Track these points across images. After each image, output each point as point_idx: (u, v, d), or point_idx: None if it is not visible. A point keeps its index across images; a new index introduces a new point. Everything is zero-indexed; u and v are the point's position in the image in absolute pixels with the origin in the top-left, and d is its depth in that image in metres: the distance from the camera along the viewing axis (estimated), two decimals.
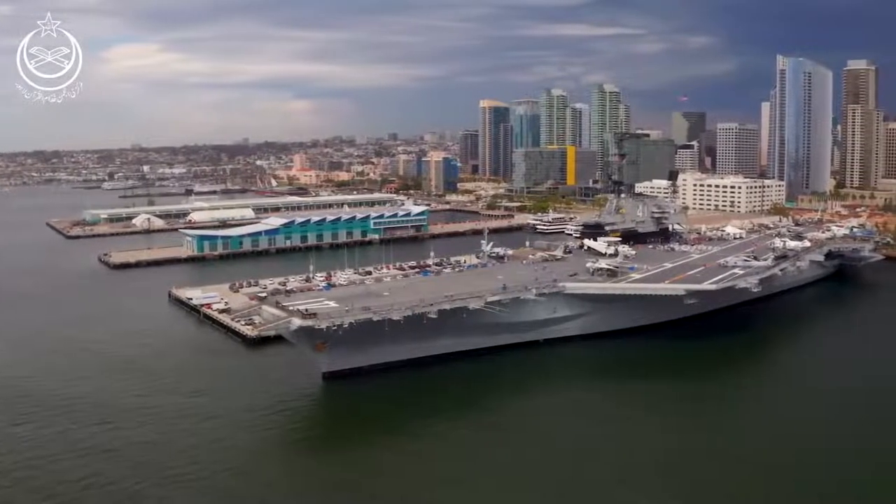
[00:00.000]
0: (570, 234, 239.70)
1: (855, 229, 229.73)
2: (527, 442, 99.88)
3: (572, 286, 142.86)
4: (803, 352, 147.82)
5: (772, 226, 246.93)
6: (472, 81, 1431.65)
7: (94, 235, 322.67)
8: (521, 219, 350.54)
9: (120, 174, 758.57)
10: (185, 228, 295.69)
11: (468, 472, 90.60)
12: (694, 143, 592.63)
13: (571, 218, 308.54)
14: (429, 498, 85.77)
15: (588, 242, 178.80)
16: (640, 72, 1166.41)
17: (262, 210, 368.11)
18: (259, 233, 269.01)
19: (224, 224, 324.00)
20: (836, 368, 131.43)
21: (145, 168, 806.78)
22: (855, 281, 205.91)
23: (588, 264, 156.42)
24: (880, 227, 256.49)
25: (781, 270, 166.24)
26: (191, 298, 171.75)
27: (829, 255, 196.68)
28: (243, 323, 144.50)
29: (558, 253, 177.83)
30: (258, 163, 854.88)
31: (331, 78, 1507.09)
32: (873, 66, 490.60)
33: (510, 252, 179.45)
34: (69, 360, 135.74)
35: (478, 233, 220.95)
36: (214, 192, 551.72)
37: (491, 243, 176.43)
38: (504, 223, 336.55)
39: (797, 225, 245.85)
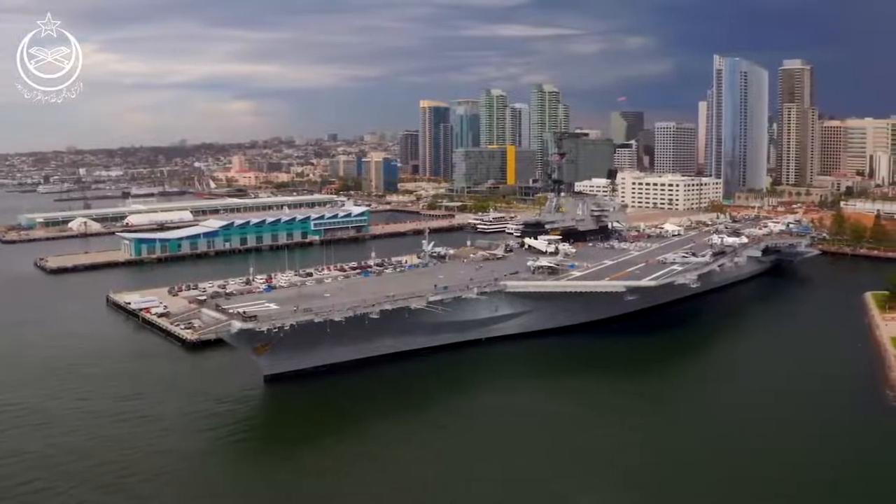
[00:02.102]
0: (511, 234, 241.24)
1: (791, 225, 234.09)
2: (470, 440, 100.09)
3: (513, 285, 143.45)
4: (739, 347, 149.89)
5: (709, 223, 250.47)
6: (412, 81, 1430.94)
7: (29, 240, 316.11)
8: (461, 219, 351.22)
9: (55, 177, 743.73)
10: (123, 232, 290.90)
11: (412, 472, 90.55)
12: (632, 142, 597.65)
13: (512, 217, 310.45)
14: (373, 498, 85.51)
15: (529, 241, 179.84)
16: (578, 72, 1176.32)
17: (200, 212, 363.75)
18: (198, 235, 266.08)
19: (162, 227, 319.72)
20: (769, 364, 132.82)
21: (81, 171, 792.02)
22: (791, 275, 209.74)
23: (529, 263, 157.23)
24: (816, 222, 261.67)
25: (719, 266, 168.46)
26: (129, 303, 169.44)
27: (766, 251, 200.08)
28: (183, 327, 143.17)
29: (499, 252, 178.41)
30: (196, 164, 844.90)
31: (270, 78, 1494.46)
32: (808, 66, 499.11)
33: (451, 252, 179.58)
34: (4, 366, 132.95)
35: (419, 233, 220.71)
36: (152, 195, 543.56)
37: (432, 243, 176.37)
38: (445, 223, 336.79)
39: (734, 222, 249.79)
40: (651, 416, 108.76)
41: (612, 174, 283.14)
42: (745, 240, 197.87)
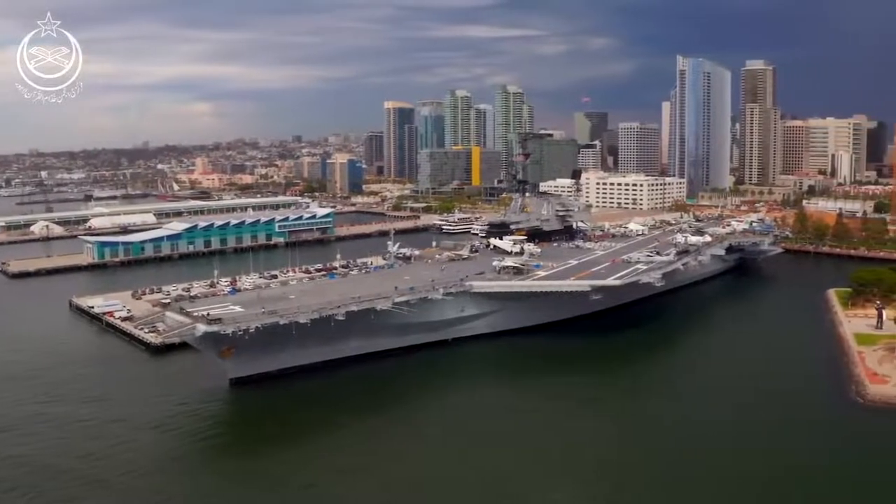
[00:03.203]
0: (477, 234, 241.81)
1: (754, 224, 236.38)
2: (439, 439, 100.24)
3: (479, 285, 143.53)
4: (703, 345, 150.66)
5: (673, 222, 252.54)
6: (377, 82, 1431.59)
7: None
8: (426, 219, 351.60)
9: (17, 180, 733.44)
10: (86, 235, 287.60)
11: (381, 472, 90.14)
12: (596, 142, 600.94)
13: (477, 218, 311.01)
14: (341, 499, 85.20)
15: (494, 241, 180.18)
16: (543, 73, 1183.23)
17: (164, 215, 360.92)
18: (161, 238, 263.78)
19: (125, 230, 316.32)
20: (733, 361, 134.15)
21: (43, 174, 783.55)
22: (755, 273, 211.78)
23: (494, 263, 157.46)
24: (779, 221, 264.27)
25: (684, 265, 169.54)
26: (92, 307, 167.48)
27: (729, 250, 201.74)
28: (147, 330, 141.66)
29: (465, 252, 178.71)
30: (159, 167, 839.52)
31: (233, 79, 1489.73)
32: (771, 66, 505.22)
33: (417, 252, 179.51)
34: None
35: (384, 234, 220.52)
36: (115, 198, 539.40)
37: (397, 244, 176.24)
38: (410, 224, 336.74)
39: (698, 221, 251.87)
40: (617, 414, 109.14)
41: (576, 174, 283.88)
42: (708, 239, 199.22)
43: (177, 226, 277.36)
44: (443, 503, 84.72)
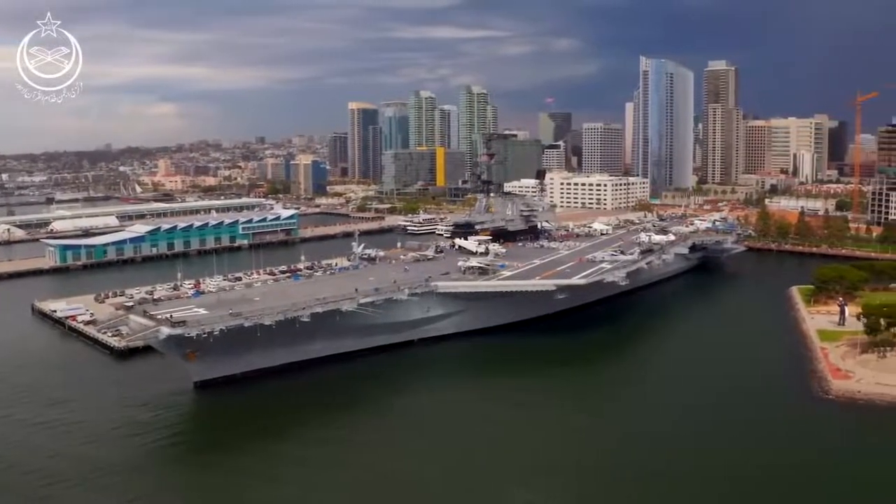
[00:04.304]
0: (441, 235, 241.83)
1: (717, 223, 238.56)
2: (403, 440, 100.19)
3: (444, 285, 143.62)
4: (668, 342, 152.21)
5: (637, 221, 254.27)
6: (341, 83, 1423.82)
7: None
8: (391, 220, 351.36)
9: None
10: (47, 238, 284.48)
11: (346, 474, 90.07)
12: (560, 142, 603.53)
13: (442, 218, 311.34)
14: (305, 500, 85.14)
15: (459, 242, 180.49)
16: (507, 73, 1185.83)
17: (126, 217, 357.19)
18: (124, 241, 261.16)
19: (87, 233, 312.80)
20: (698, 358, 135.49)
21: (3, 176, 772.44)
22: (718, 272, 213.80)
23: (459, 263, 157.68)
24: (741, 220, 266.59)
25: (648, 264, 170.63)
26: (55, 311, 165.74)
27: (693, 248, 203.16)
28: (110, 334, 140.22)
29: (430, 253, 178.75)
30: (122, 169, 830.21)
31: (196, 80, 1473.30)
32: (733, 67, 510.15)
33: (382, 253, 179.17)
34: None
35: (349, 235, 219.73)
36: (77, 200, 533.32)
37: (362, 245, 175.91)
38: (375, 225, 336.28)
39: (661, 220, 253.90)
40: (582, 413, 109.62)
41: (540, 175, 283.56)
42: (672, 238, 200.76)
43: (140, 228, 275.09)
44: (408, 502, 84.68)
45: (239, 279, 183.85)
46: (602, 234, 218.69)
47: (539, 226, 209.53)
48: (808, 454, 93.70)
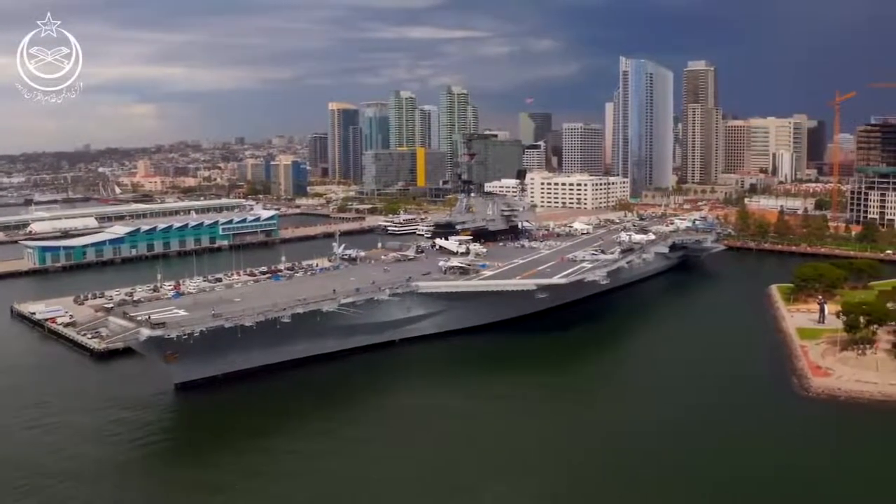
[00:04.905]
0: (422, 235, 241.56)
1: (697, 222, 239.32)
2: (384, 440, 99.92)
3: (425, 285, 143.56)
4: (649, 341, 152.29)
5: (617, 221, 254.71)
6: (321, 84, 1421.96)
7: None
8: (372, 221, 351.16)
9: None
10: (26, 240, 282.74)
11: (326, 474, 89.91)
12: (541, 143, 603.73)
13: (423, 218, 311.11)
14: (285, 500, 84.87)
15: (440, 242, 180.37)
16: (487, 74, 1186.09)
17: (105, 218, 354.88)
18: (103, 242, 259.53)
19: (66, 234, 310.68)
20: (678, 357, 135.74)
21: None
22: (698, 270, 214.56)
23: (440, 263, 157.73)
24: (721, 219, 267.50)
25: (628, 263, 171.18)
26: (34, 313, 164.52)
27: (673, 247, 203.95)
28: (90, 336, 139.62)
29: (410, 253, 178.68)
30: (101, 170, 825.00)
31: (175, 81, 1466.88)
32: (712, 67, 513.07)
33: (362, 254, 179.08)
34: None
35: (329, 236, 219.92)
36: (56, 202, 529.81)
37: (343, 246, 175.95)
38: (355, 226, 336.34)
39: (642, 219, 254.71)
40: (562, 412, 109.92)
41: (521, 174, 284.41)
42: (652, 237, 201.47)
43: (119, 230, 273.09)
44: (388, 501, 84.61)
45: (219, 280, 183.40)
46: (582, 234, 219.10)
47: (520, 225, 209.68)
48: (790, 451, 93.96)
